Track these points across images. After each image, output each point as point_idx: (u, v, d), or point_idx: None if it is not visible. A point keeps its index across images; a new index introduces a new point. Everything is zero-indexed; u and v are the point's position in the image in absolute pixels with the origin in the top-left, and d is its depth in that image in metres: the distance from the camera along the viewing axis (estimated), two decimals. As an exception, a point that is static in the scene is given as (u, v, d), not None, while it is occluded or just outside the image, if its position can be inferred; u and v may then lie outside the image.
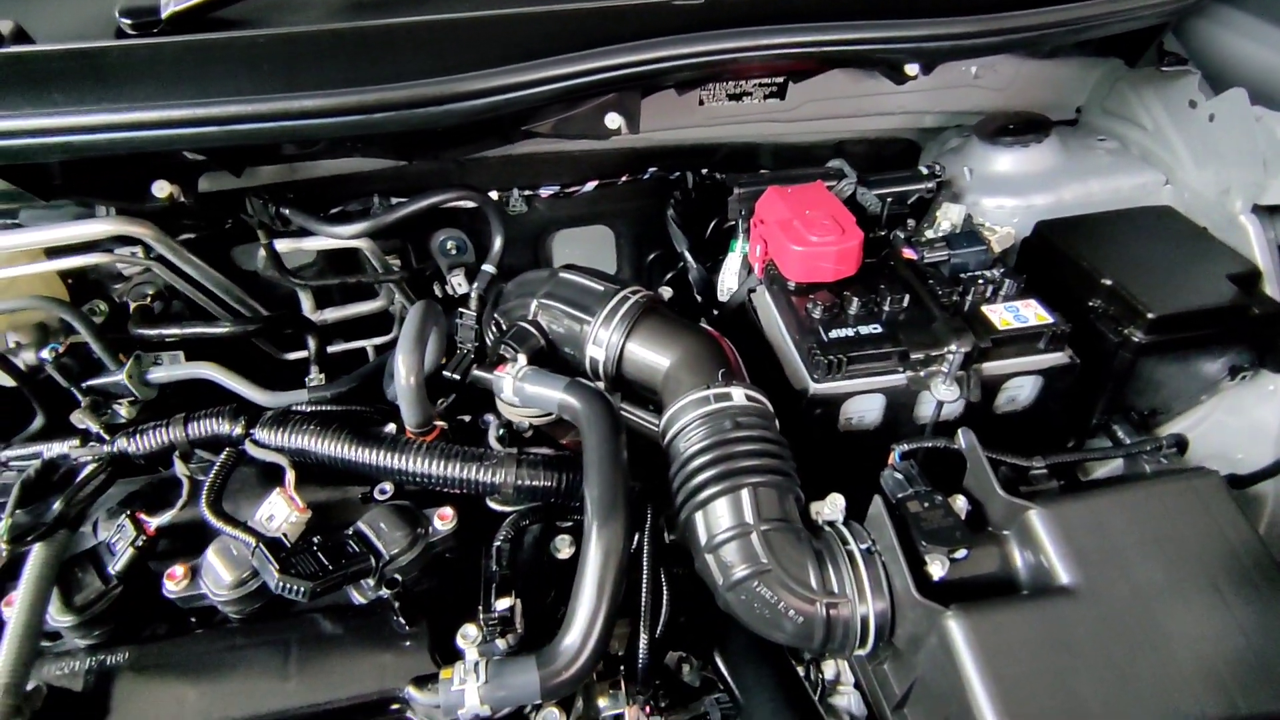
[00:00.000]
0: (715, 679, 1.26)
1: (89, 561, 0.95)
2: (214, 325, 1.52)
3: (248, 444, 1.03)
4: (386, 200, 1.63)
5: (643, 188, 1.89)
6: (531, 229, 1.93)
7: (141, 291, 1.61)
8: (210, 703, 0.91)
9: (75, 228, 1.37)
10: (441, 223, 1.84)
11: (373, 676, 0.93)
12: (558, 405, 1.06)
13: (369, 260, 1.74)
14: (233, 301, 1.64)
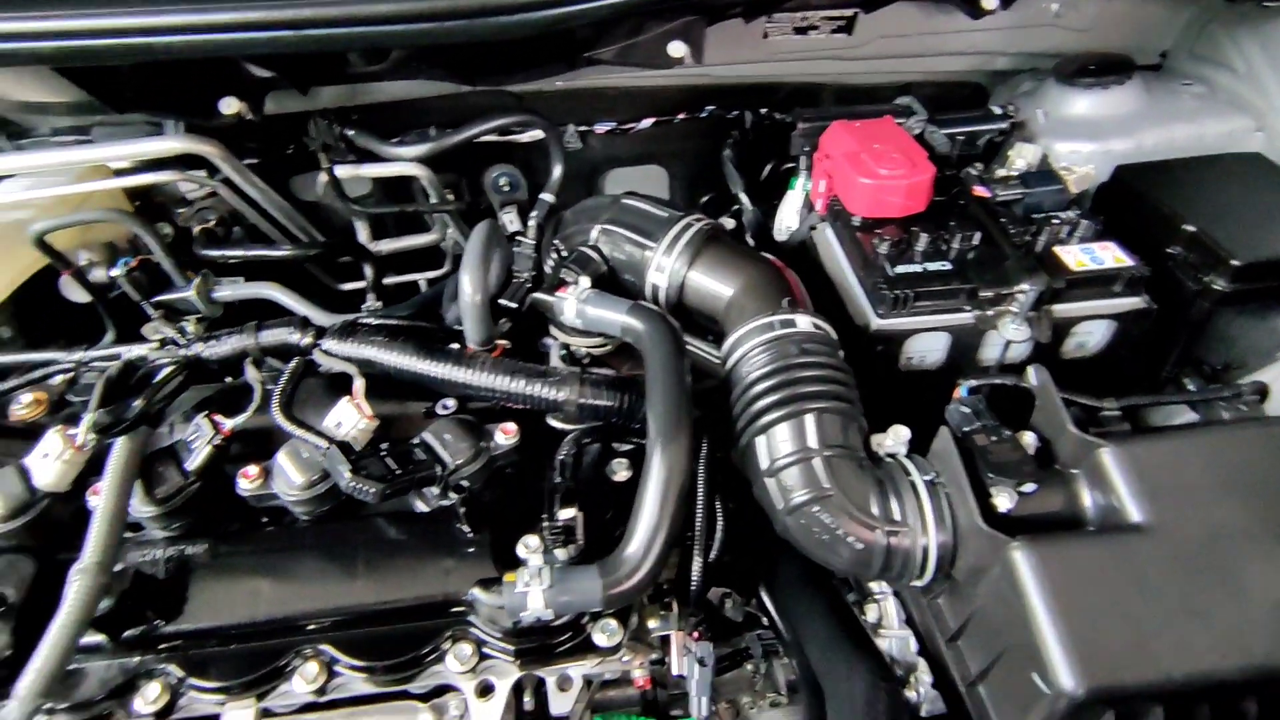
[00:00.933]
0: (758, 614, 1.27)
1: (168, 458, 0.98)
2: (275, 249, 1.54)
3: (316, 353, 1.05)
4: (443, 131, 1.63)
5: (699, 126, 1.85)
6: (585, 166, 1.91)
7: (204, 216, 1.64)
8: (283, 595, 0.94)
9: (145, 144, 1.39)
10: (495, 158, 1.83)
11: (437, 580, 0.95)
12: (620, 328, 1.06)
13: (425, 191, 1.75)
14: (293, 227, 1.66)
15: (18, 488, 0.95)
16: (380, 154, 1.43)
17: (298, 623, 0.94)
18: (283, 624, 0.94)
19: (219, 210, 1.66)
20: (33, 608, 0.92)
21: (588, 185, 1.97)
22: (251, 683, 0.93)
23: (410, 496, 1.04)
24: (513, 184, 1.89)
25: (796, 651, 1.17)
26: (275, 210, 1.60)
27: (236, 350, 1.05)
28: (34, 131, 1.48)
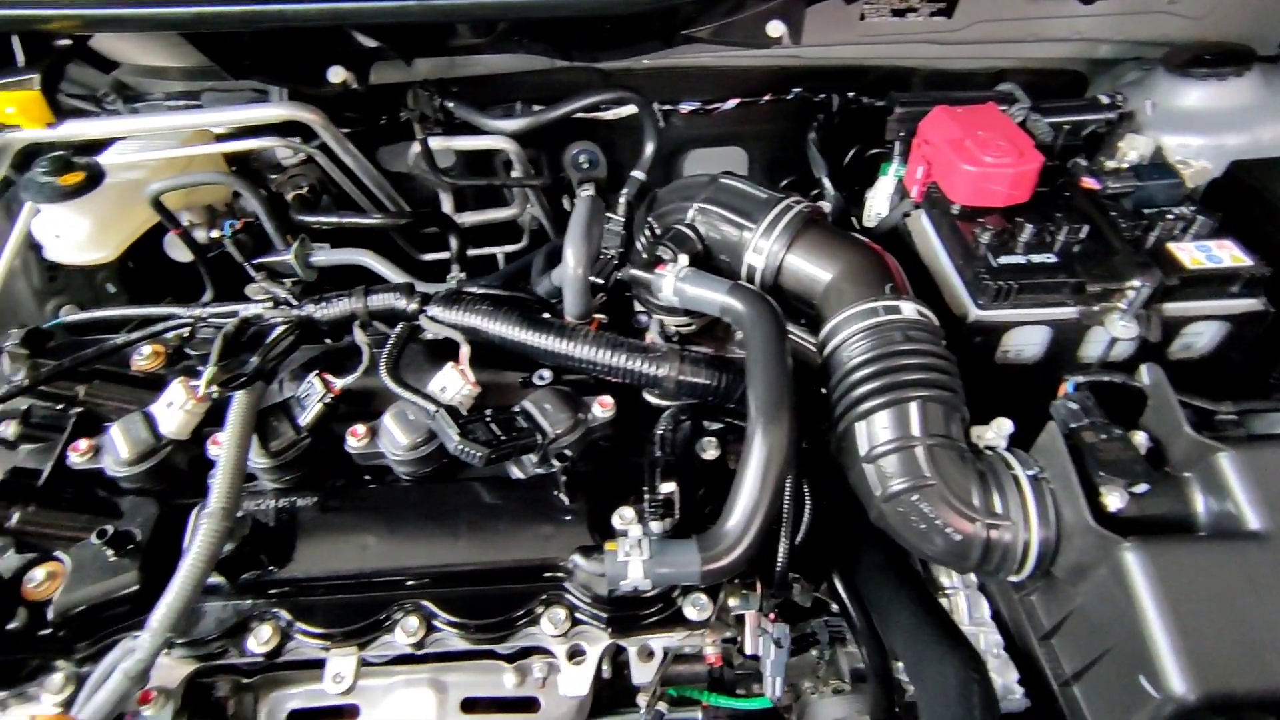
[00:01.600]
0: (827, 600, 1.27)
1: (282, 413, 1.03)
2: (367, 217, 1.58)
3: (423, 319, 1.08)
4: (528, 107, 1.64)
5: (784, 109, 1.83)
6: (666, 146, 1.90)
7: (298, 182, 1.69)
8: (388, 550, 0.98)
9: (253, 110, 1.44)
10: (576, 135, 1.84)
11: (534, 545, 0.98)
12: (719, 307, 1.06)
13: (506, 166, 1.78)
14: (382, 196, 1.70)
15: (144, 434, 1.00)
16: (479, 126, 1.45)
17: (401, 577, 0.98)
18: (387, 578, 0.98)
19: (310, 177, 1.71)
20: (156, 547, 0.97)
21: (667, 165, 1.97)
22: (355, 631, 0.97)
23: (507, 462, 1.06)
24: (592, 161, 1.90)
25: (868, 640, 1.17)
26: (367, 179, 1.64)
27: (346, 313, 1.09)
28: (148, 96, 1.54)
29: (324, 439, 1.05)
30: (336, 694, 0.96)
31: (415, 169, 1.73)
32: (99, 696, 0.87)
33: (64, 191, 1.29)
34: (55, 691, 0.93)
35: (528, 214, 1.91)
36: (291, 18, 0.98)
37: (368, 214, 1.64)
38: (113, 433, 1.01)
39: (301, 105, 1.44)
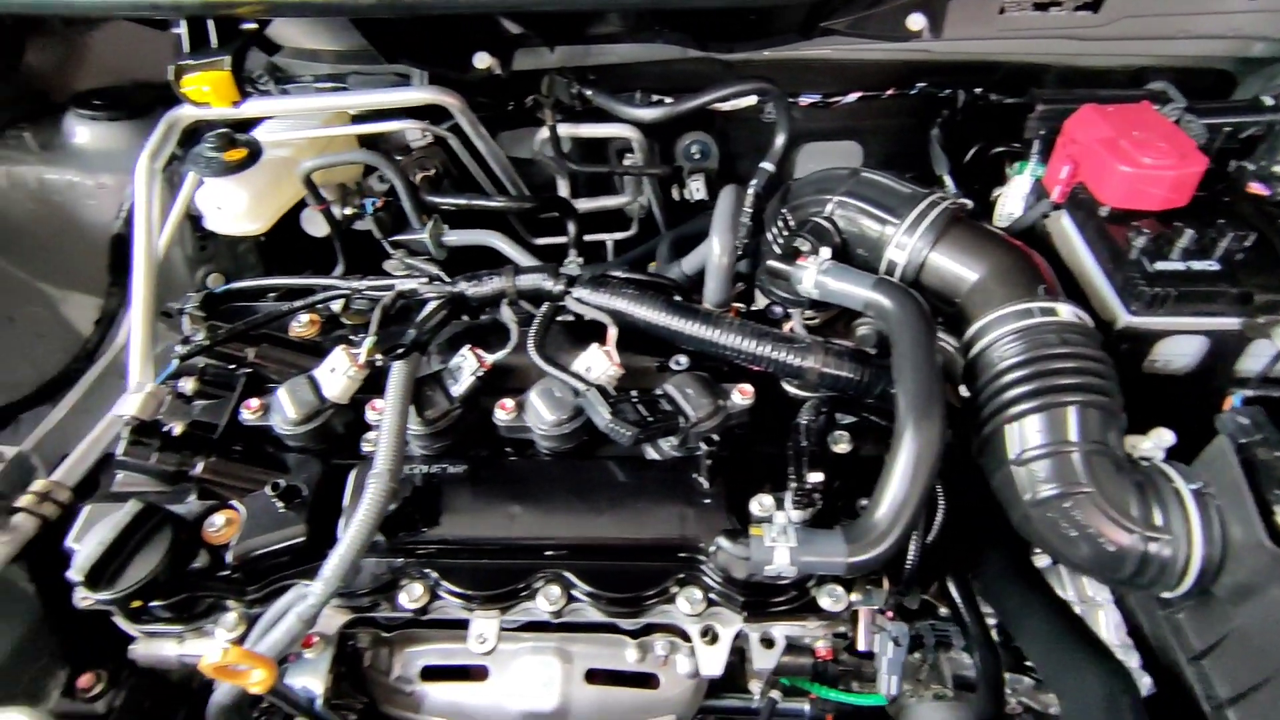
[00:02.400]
0: (935, 604, 1.26)
1: (436, 384, 1.08)
2: (495, 199, 1.63)
3: (569, 300, 1.11)
4: (647, 96, 1.66)
5: (906, 104, 1.80)
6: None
7: (424, 164, 1.75)
8: (532, 520, 1.02)
9: (399, 93, 1.50)
10: (689, 126, 1.85)
11: (674, 525, 1.00)
12: (863, 302, 1.06)
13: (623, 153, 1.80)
14: (506, 180, 1.75)
15: (310, 396, 1.07)
16: (616, 113, 1.48)
17: (544, 547, 1.02)
18: (531, 546, 1.02)
19: (435, 159, 1.78)
20: (320, 502, 1.04)
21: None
22: (499, 596, 1.02)
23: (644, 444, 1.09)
24: (704, 152, 1.91)
25: (982, 646, 1.15)
26: (494, 163, 1.69)
27: (496, 291, 1.13)
28: (297, 79, 1.62)
29: (471, 410, 1.09)
30: (479, 654, 1.01)
31: (538, 155, 1.78)
32: (273, 635, 0.93)
33: (229, 166, 1.38)
34: (229, 629, 1.00)
35: (635, 203, 1.93)
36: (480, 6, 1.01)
37: (493, 197, 1.69)
38: (280, 394, 1.08)
39: (443, 89, 1.49)
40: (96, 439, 1.24)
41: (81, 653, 1.37)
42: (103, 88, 1.69)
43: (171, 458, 1.02)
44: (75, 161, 1.58)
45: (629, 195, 1.91)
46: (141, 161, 1.44)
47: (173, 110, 1.49)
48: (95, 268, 1.64)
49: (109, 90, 1.68)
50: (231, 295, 1.25)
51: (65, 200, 1.57)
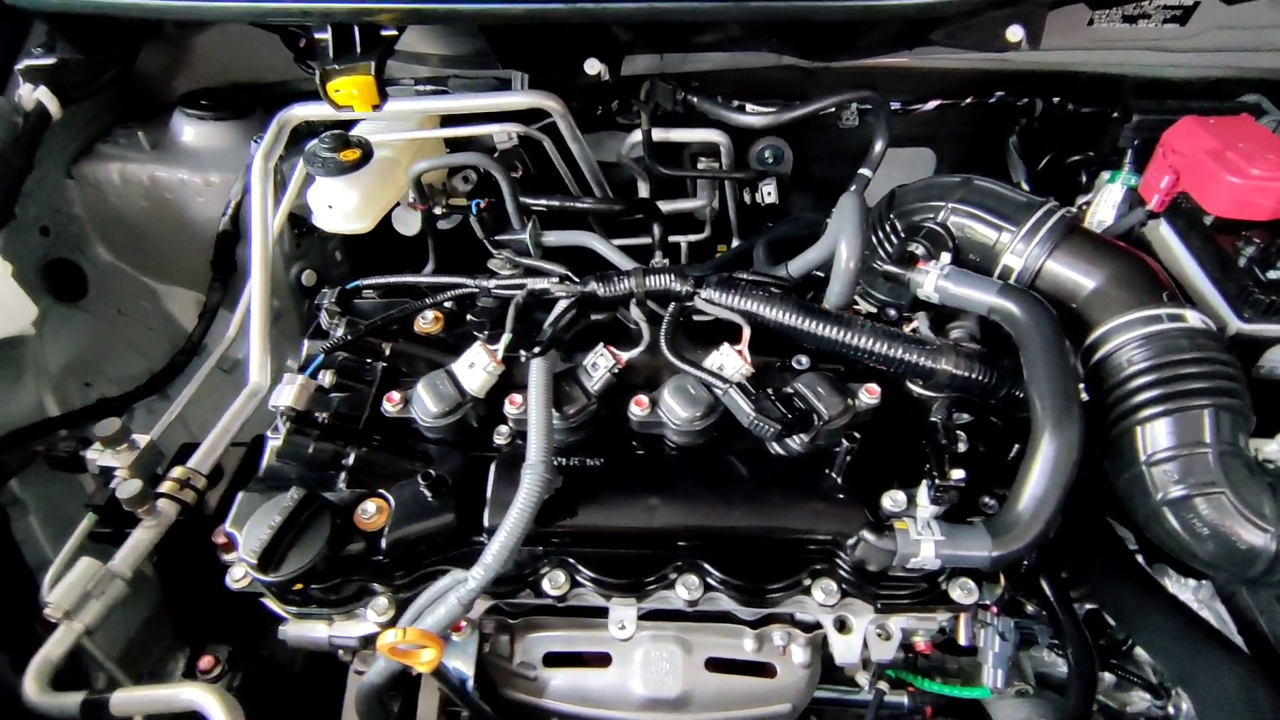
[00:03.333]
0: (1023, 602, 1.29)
1: (573, 380, 1.12)
2: (584, 201, 1.67)
3: (699, 301, 1.15)
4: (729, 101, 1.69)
5: (983, 112, 1.83)
6: (855, 144, 1.93)
7: (510, 164, 1.80)
8: (673, 511, 1.06)
9: (504, 97, 1.55)
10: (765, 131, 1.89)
11: (809, 517, 1.04)
12: (987, 307, 1.09)
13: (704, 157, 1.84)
14: (593, 182, 1.79)
15: (451, 390, 1.11)
16: (722, 119, 1.52)
17: (682, 538, 1.06)
18: (668, 537, 1.06)
19: (518, 161, 1.82)
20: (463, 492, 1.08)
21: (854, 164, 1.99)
22: (638, 584, 1.06)
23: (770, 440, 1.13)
24: (777, 157, 1.95)
25: (1077, 644, 1.19)
26: (585, 165, 1.73)
27: (625, 292, 1.17)
28: (399, 82, 1.67)
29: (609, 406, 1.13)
30: (620, 639, 1.05)
31: (624, 158, 1.82)
32: (432, 617, 0.98)
33: (344, 166, 1.43)
34: (380, 613, 1.05)
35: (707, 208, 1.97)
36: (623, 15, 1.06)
37: (583, 199, 1.73)
38: (421, 388, 1.12)
39: (544, 93, 1.54)
40: (225, 428, 1.29)
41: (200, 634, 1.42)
42: (205, 89, 1.74)
43: (327, 448, 1.06)
44: (185, 160, 1.63)
45: (704, 198, 1.95)
46: (256, 161, 1.48)
47: (283, 111, 1.55)
48: (198, 263, 1.69)
49: (213, 91, 1.72)
50: (360, 291, 1.29)
51: (176, 197, 1.62)
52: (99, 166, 1.61)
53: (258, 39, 1.71)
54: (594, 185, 1.79)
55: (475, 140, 1.81)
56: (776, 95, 1.65)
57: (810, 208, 2.07)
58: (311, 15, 1.12)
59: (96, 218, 1.65)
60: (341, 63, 1.15)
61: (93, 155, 1.62)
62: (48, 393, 1.47)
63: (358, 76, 1.15)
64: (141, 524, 1.16)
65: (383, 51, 1.16)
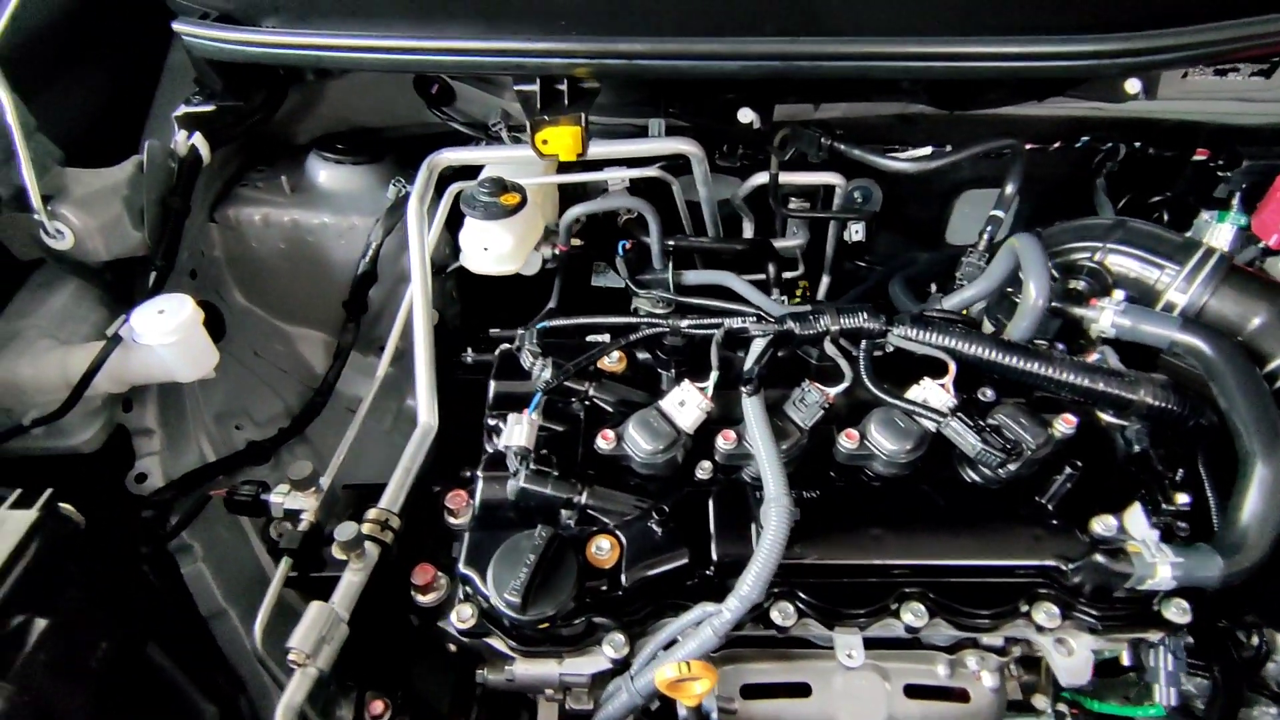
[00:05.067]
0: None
1: (784, 417, 1.16)
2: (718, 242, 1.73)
3: (894, 338, 1.21)
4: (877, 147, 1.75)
5: (1068, 155, 1.95)
6: (945, 185, 2.03)
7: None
8: (898, 541, 1.10)
9: (647, 143, 1.61)
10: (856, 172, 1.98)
11: (1028, 544, 1.09)
12: (1169, 341, 1.17)
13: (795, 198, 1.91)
14: (710, 223, 1.85)
15: (666, 427, 1.14)
16: (870, 164, 1.59)
17: (901, 567, 1.10)
18: (896, 567, 1.10)
19: (633, 202, 1.88)
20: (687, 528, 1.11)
21: (941, 204, 2.09)
22: (865, 614, 1.09)
23: (963, 468, 1.18)
24: (865, 196, 2.04)
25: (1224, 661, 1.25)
26: (706, 206, 1.79)
27: (821, 330, 1.22)
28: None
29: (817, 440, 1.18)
30: (850, 667, 1.08)
31: (736, 199, 1.89)
32: (684, 650, 1.00)
33: (505, 210, 1.47)
34: (617, 649, 1.06)
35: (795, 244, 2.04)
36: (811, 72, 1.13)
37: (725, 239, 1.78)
38: (634, 426, 1.15)
39: (684, 139, 1.60)
40: (407, 468, 1.30)
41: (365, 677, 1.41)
42: (335, 133, 1.77)
43: (564, 486, 1.09)
44: (325, 203, 1.65)
45: (802, 237, 2.03)
46: (412, 204, 1.51)
47: (431, 155, 1.58)
48: (330, 305, 1.70)
49: (344, 135, 1.75)
50: (551, 331, 1.32)
51: (317, 240, 1.64)
52: (241, 210, 1.62)
53: (385, 85, 1.75)
54: (710, 225, 1.85)
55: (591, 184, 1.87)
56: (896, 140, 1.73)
57: (896, 246, 2.16)
58: (526, 69, 1.17)
59: (233, 260, 1.66)
60: (550, 114, 1.20)
61: (234, 199, 1.63)
62: (203, 436, 1.46)
63: (566, 127, 1.20)
64: (349, 566, 1.16)
65: (588, 103, 1.22)
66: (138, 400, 1.39)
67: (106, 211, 1.35)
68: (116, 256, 1.39)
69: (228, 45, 1.28)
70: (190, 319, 1.23)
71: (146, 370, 1.26)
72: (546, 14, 1.19)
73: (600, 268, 1.97)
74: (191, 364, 1.26)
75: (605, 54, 1.14)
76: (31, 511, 0.83)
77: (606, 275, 1.97)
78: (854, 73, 1.18)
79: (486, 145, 1.70)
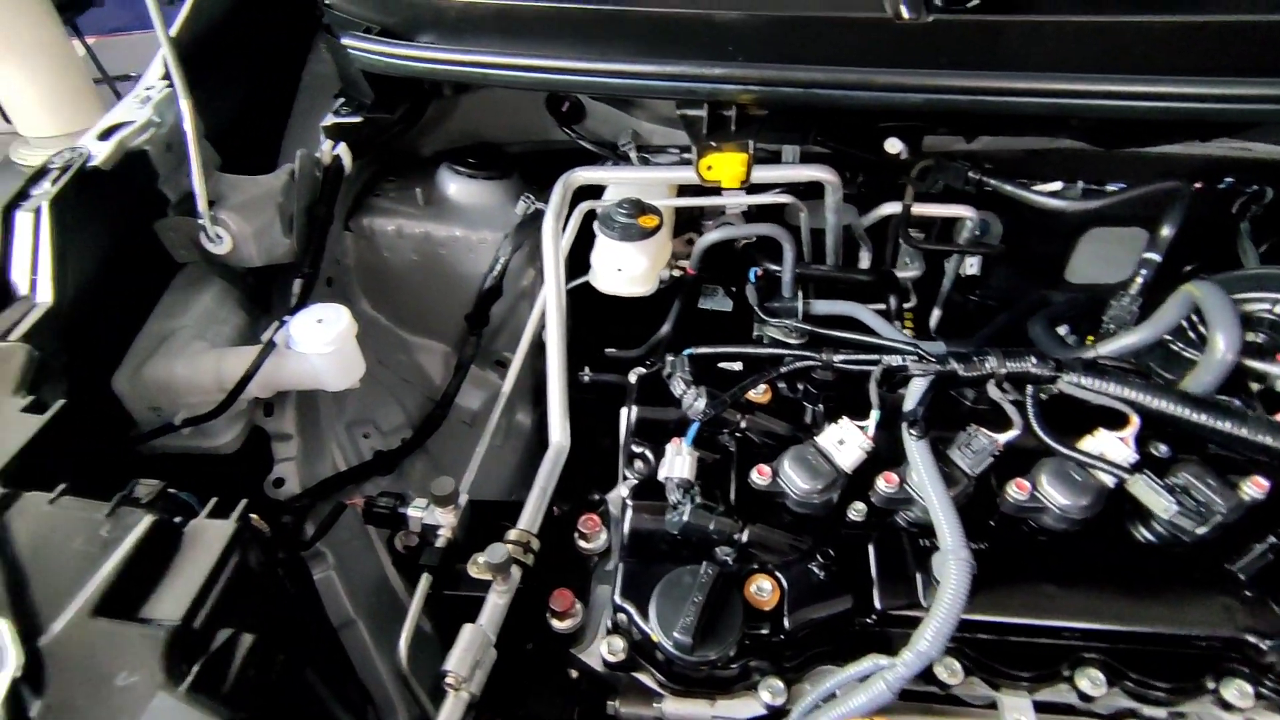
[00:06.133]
0: None
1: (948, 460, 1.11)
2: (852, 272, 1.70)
3: (1065, 384, 1.15)
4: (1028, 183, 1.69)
5: (1208, 196, 1.86)
6: (1071, 221, 1.96)
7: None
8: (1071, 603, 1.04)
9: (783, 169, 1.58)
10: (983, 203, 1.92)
11: (1218, 617, 1.02)
12: (1371, 402, 1.10)
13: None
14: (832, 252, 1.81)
15: (825, 466, 1.11)
16: (1024, 200, 1.54)
17: (1078, 629, 1.04)
18: (1064, 629, 1.04)
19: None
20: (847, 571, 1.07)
21: (1065, 241, 2.02)
22: (1038, 676, 1.03)
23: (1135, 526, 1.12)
24: (984, 230, 1.97)
25: None
26: (832, 234, 1.76)
27: (986, 373, 1.18)
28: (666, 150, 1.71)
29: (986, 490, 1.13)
30: (1017, 733, 1.02)
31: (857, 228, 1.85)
32: (854, 703, 0.96)
33: (643, 232, 1.46)
34: (774, 695, 1.02)
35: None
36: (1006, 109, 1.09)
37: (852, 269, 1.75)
38: (791, 462, 1.11)
39: (820, 166, 1.57)
40: (543, 489, 1.28)
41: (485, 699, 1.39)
42: (463, 147, 1.79)
43: (727, 522, 1.06)
44: (457, 217, 1.66)
45: (918, 268, 1.97)
46: (548, 221, 1.51)
47: (567, 174, 1.58)
48: (453, 317, 1.71)
49: (473, 149, 1.77)
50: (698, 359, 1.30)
51: (448, 253, 1.65)
52: (376, 220, 1.64)
53: (518, 101, 1.76)
54: (831, 254, 1.82)
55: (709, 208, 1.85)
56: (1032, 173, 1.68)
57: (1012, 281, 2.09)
58: (697, 94, 1.15)
59: (364, 269, 1.68)
60: (716, 139, 1.18)
61: (369, 209, 1.66)
62: (334, 443, 1.47)
63: (734, 154, 1.18)
64: (494, 588, 1.15)
65: (755, 130, 1.20)
66: (278, 405, 1.41)
67: (260, 218, 1.38)
68: (267, 263, 1.41)
69: (392, 60, 1.30)
70: (347, 329, 1.24)
71: (298, 378, 1.28)
72: (716, 39, 1.17)
73: (709, 290, 1.94)
74: (343, 374, 1.26)
75: (781, 82, 1.12)
76: (229, 522, 0.83)
77: (715, 298, 1.95)
78: (1039, 110, 1.14)
79: (615, 165, 1.69)
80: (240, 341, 1.47)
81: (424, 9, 1.32)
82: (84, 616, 0.72)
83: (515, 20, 1.27)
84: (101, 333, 1.25)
